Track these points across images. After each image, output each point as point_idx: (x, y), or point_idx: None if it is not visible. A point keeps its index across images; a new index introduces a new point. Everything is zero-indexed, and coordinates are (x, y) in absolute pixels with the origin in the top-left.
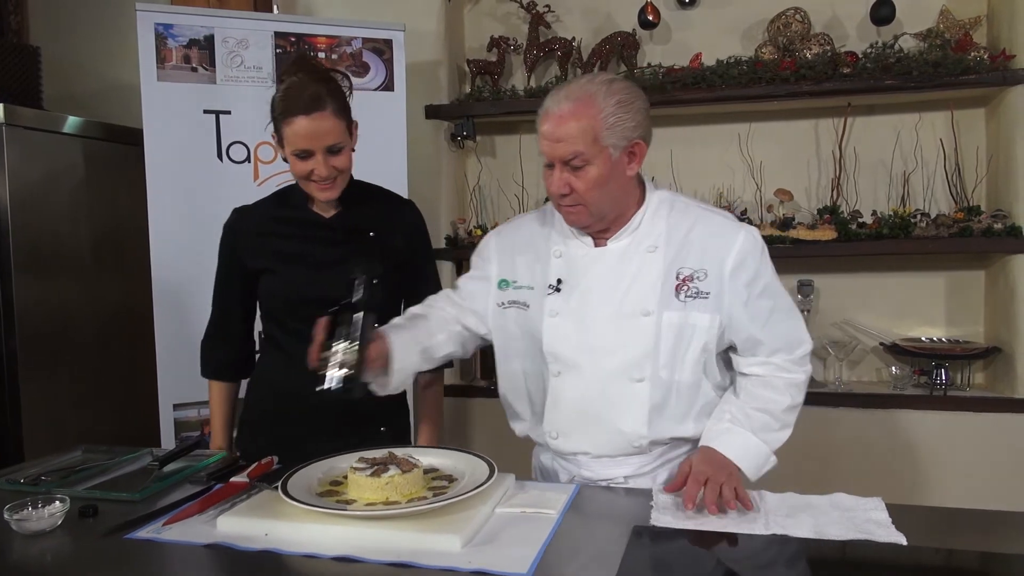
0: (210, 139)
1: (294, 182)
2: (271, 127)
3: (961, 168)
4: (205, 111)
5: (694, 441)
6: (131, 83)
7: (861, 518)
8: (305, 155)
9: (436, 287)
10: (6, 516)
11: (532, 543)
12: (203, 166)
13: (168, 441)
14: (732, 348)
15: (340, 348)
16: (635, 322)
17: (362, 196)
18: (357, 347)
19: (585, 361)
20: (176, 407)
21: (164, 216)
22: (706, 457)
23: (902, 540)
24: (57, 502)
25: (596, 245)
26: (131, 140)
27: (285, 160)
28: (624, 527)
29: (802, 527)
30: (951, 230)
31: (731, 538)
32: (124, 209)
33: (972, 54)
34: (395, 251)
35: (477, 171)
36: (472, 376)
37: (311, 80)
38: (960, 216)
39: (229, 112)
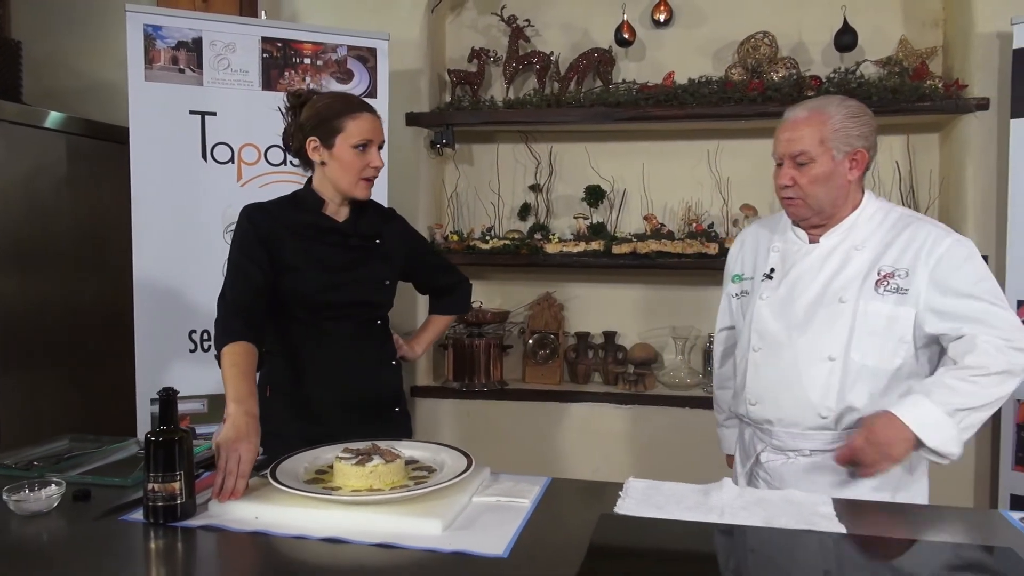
0: (195, 139)
1: (298, 188)
2: (305, 136)
3: (915, 189)
4: (191, 112)
5: None
6: (113, 81)
7: (808, 511)
8: (365, 146)
9: (453, 271)
10: (5, 497)
11: (507, 528)
12: (187, 166)
13: None
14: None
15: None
16: (832, 308)
17: (362, 205)
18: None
19: (783, 338)
20: (154, 401)
21: (147, 214)
22: (876, 429)
23: (842, 530)
24: (53, 485)
25: (810, 241)
26: (113, 137)
27: (323, 163)
28: (592, 515)
29: (754, 518)
30: None
31: (688, 526)
32: (105, 206)
33: (928, 82)
34: (396, 258)
35: (455, 178)
36: (444, 378)
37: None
38: None
39: (215, 113)
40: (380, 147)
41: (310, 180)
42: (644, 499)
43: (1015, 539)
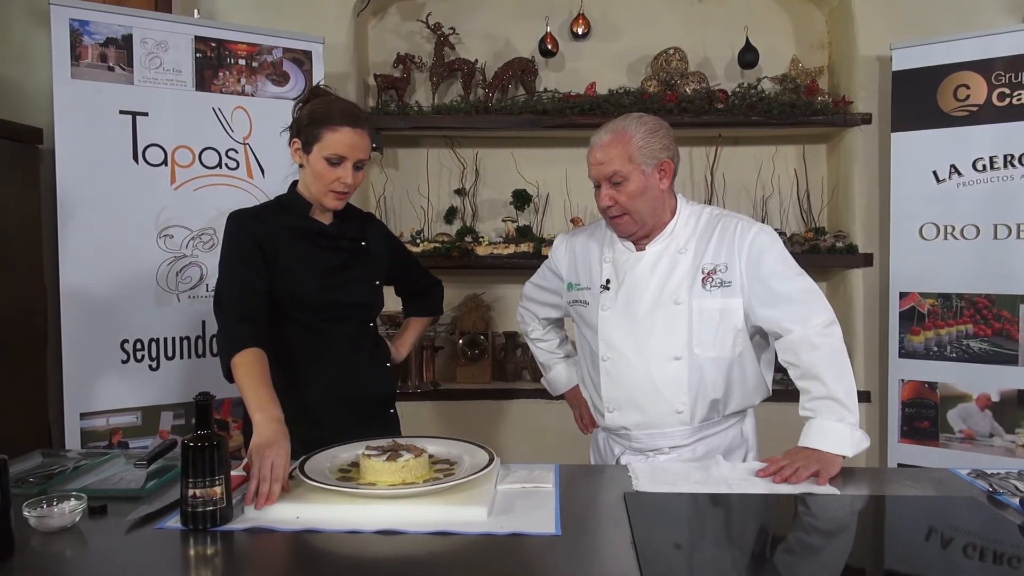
0: (126, 141)
1: (284, 193)
2: (287, 133)
3: (809, 195)
4: (121, 111)
5: (736, 415)
6: (9, 76)
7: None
8: (338, 161)
9: (427, 274)
10: (25, 513)
11: (546, 510)
12: (118, 168)
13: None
14: (763, 335)
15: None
16: (669, 311)
17: (345, 209)
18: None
19: (630, 346)
20: (83, 416)
21: (75, 218)
22: (800, 450)
23: (836, 492)
24: (73, 499)
25: (637, 250)
26: (19, 137)
27: (301, 165)
28: (614, 494)
29: (757, 487)
30: (803, 247)
31: (703, 497)
32: (11, 209)
33: (819, 99)
34: (381, 259)
35: (382, 182)
36: None
37: (349, 102)
38: (809, 235)
39: (146, 114)
40: (360, 165)
41: (294, 184)
42: (655, 477)
43: (970, 490)
